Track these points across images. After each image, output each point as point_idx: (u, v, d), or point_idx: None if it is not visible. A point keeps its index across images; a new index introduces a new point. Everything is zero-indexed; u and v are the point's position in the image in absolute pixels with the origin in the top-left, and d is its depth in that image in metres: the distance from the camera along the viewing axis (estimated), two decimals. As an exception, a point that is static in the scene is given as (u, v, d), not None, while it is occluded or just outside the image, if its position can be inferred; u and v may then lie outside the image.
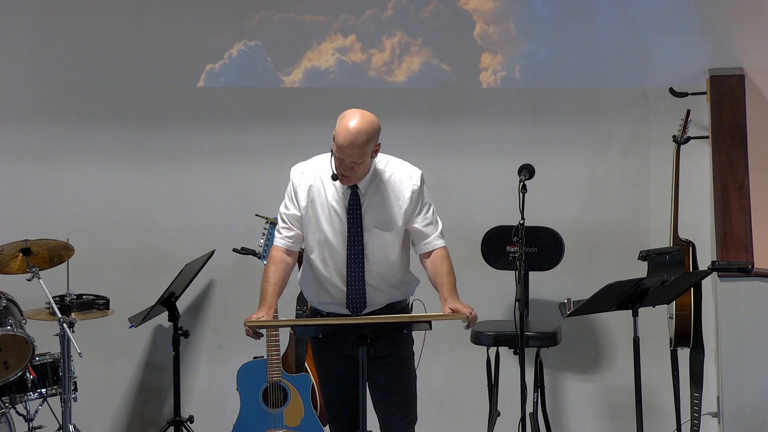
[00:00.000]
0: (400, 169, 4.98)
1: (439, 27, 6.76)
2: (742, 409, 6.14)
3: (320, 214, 4.96)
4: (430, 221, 4.98)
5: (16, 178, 6.83)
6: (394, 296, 5.04)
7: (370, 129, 4.78)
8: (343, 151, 4.78)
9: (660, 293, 5.42)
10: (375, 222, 4.93)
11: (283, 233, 5.05)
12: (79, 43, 6.78)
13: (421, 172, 5.00)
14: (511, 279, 5.87)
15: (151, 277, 6.71)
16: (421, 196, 4.96)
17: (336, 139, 4.79)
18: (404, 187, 4.94)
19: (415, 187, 4.94)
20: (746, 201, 6.32)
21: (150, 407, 6.87)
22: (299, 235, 5.02)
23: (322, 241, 4.97)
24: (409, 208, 4.94)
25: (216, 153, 6.83)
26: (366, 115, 4.81)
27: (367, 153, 4.81)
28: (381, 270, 4.97)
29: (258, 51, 6.80)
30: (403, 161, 5.03)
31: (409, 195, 4.93)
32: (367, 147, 4.79)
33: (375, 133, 4.81)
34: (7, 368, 5.91)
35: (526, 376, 5.67)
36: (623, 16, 6.69)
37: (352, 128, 4.76)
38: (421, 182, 4.97)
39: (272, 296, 4.96)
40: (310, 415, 6.22)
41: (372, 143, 4.81)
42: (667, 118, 6.54)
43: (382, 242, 4.94)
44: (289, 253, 5.04)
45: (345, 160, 4.80)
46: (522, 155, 6.02)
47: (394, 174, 4.95)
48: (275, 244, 5.07)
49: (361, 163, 4.82)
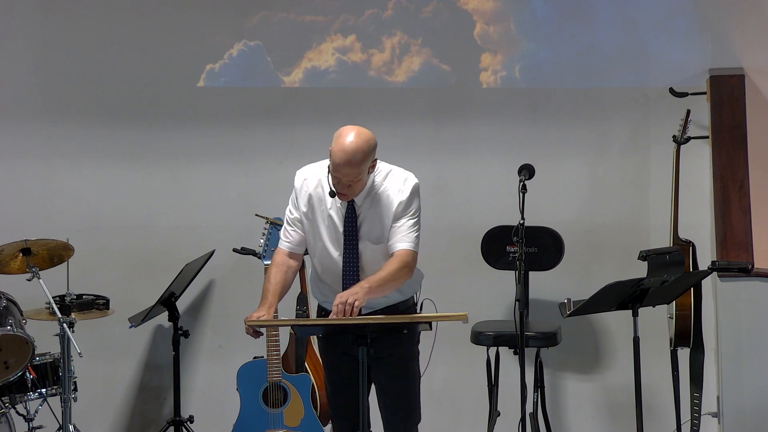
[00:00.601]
0: (396, 181, 4.97)
1: (439, 27, 6.76)
2: (742, 409, 6.14)
3: (319, 222, 4.98)
4: (404, 226, 4.93)
5: (16, 178, 6.83)
6: (393, 298, 5.04)
7: (365, 147, 4.80)
8: (339, 170, 4.79)
9: (660, 293, 5.42)
10: (369, 235, 4.95)
11: (286, 236, 5.07)
12: (79, 43, 6.78)
13: (414, 183, 4.97)
14: (511, 279, 5.87)
15: (151, 277, 6.71)
16: (406, 206, 4.94)
17: (332, 158, 4.81)
18: (395, 199, 4.95)
19: (403, 199, 4.94)
20: (746, 201, 6.32)
21: (150, 407, 6.87)
22: (303, 238, 5.04)
23: (320, 248, 5.00)
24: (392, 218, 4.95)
25: (216, 153, 6.83)
26: (362, 133, 4.81)
27: (363, 171, 4.83)
28: None
29: (258, 51, 6.80)
30: (404, 171, 5.01)
31: (395, 206, 4.94)
32: (363, 165, 4.81)
33: (371, 151, 4.83)
34: (7, 368, 5.90)
35: (526, 376, 5.67)
36: (623, 16, 6.69)
37: (348, 148, 4.77)
38: (411, 193, 4.95)
39: (273, 296, 4.97)
40: (310, 415, 6.22)
41: (368, 161, 4.83)
42: (667, 118, 6.54)
43: (375, 254, 4.96)
44: (291, 256, 5.06)
45: (342, 179, 4.82)
46: (522, 155, 6.03)
47: (390, 187, 4.96)
48: (279, 246, 5.09)
49: (358, 180, 4.85)
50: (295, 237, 5.05)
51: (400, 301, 5.06)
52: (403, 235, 4.94)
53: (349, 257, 4.95)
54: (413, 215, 4.96)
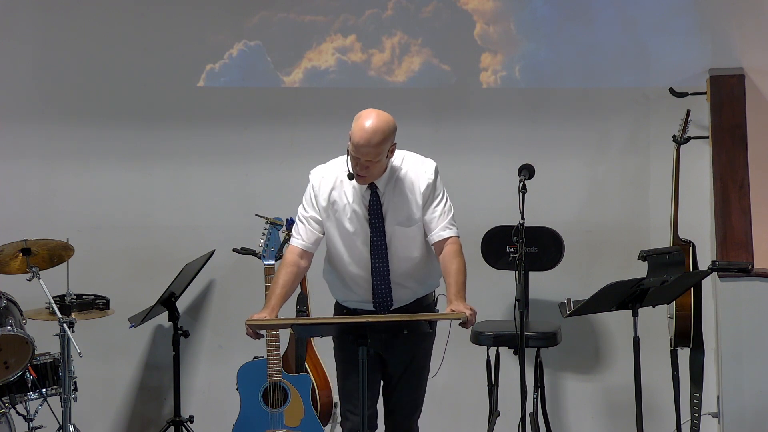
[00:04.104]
0: (416, 163, 5.02)
1: (439, 27, 6.77)
2: (742, 409, 6.15)
3: (342, 216, 4.99)
4: (440, 212, 5.01)
5: (16, 178, 6.83)
6: (419, 292, 5.08)
7: (385, 128, 4.82)
8: (359, 149, 4.81)
9: (660, 293, 5.42)
10: (397, 220, 4.97)
11: (300, 234, 5.06)
12: (79, 43, 6.78)
13: (435, 165, 5.04)
14: (511, 279, 5.86)
15: (151, 277, 6.71)
16: (434, 188, 5.00)
17: (352, 137, 4.83)
18: (420, 181, 4.98)
19: (430, 180, 4.99)
20: (746, 201, 6.32)
21: (150, 407, 6.87)
22: (317, 237, 5.05)
23: (345, 242, 5.00)
24: (423, 201, 4.98)
25: (216, 153, 6.83)
26: (382, 115, 4.85)
27: (383, 152, 4.84)
28: (406, 267, 5.01)
29: (258, 51, 6.80)
30: (418, 155, 5.07)
31: (424, 188, 4.98)
32: (382, 146, 4.82)
33: (391, 133, 4.85)
34: (7, 368, 5.90)
35: (526, 376, 5.67)
36: (623, 16, 6.69)
37: (368, 127, 4.79)
38: (435, 174, 5.02)
39: (277, 299, 4.97)
40: (310, 415, 6.22)
41: (388, 142, 4.85)
42: (667, 118, 6.54)
43: (405, 239, 4.98)
44: (303, 255, 5.05)
45: (361, 159, 4.83)
46: (522, 155, 6.02)
47: (410, 170, 4.99)
48: (292, 244, 5.08)
49: (377, 162, 4.86)
50: (309, 235, 5.04)
51: (422, 296, 5.10)
52: (445, 223, 5.00)
53: (376, 245, 4.96)
54: (443, 196, 5.03)
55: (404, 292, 5.04)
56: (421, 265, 5.05)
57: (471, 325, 4.88)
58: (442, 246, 4.99)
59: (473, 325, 4.91)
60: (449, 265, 4.96)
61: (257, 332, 4.90)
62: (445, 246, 4.99)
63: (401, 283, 5.02)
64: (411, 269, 5.03)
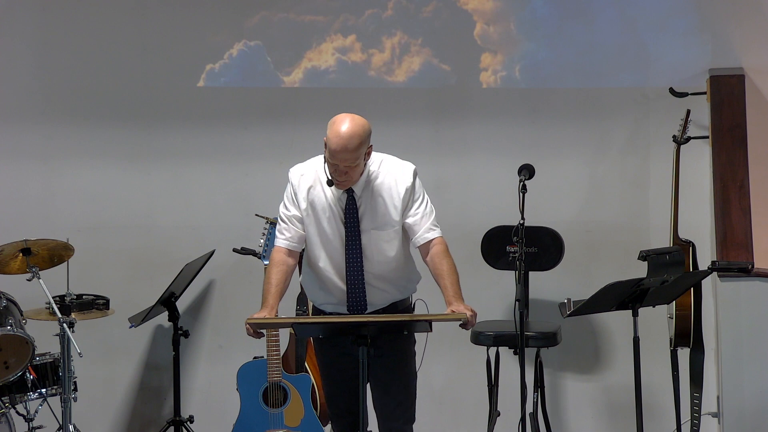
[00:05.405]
0: (394, 167, 4.99)
1: (439, 27, 6.77)
2: (742, 409, 6.15)
3: (320, 216, 4.98)
4: (421, 214, 4.98)
5: (16, 178, 6.83)
6: (396, 295, 5.05)
7: (361, 132, 4.80)
8: (336, 156, 4.80)
9: (660, 293, 5.42)
10: (373, 224, 4.95)
11: (284, 234, 5.05)
12: (79, 43, 6.78)
13: (413, 168, 5.01)
14: (511, 279, 5.87)
15: (151, 277, 6.71)
16: (413, 191, 4.97)
17: (328, 144, 4.81)
18: (399, 185, 4.96)
19: (408, 184, 4.96)
20: (746, 201, 6.32)
21: (150, 407, 6.87)
22: (301, 235, 5.03)
23: (322, 243, 4.99)
24: (402, 205, 4.96)
25: (216, 153, 6.83)
26: (356, 119, 4.82)
27: (360, 156, 4.83)
28: (381, 269, 4.98)
29: (258, 51, 6.80)
30: (395, 158, 5.04)
31: (403, 192, 4.95)
32: (359, 150, 4.81)
33: (366, 136, 4.83)
34: (7, 368, 5.91)
35: (526, 376, 5.67)
36: (623, 16, 6.69)
37: (344, 133, 4.77)
38: (414, 177, 4.98)
39: (274, 297, 4.96)
40: (310, 415, 6.22)
41: (364, 146, 4.83)
42: (667, 118, 6.54)
43: (380, 242, 4.96)
44: (290, 254, 5.05)
45: (339, 165, 4.82)
46: (522, 155, 6.02)
47: (388, 173, 4.97)
48: (276, 245, 5.07)
49: (355, 166, 4.84)
50: (293, 234, 5.04)
51: (399, 300, 5.07)
52: (429, 224, 4.98)
53: (351, 248, 4.94)
54: (423, 198, 4.99)
55: (379, 295, 5.01)
56: (397, 268, 5.02)
57: (471, 326, 4.87)
58: (429, 248, 4.97)
59: (473, 326, 4.90)
60: (440, 266, 4.94)
61: (258, 331, 4.90)
62: (431, 247, 4.97)
63: (376, 285, 4.99)
64: (387, 272, 5.00)
